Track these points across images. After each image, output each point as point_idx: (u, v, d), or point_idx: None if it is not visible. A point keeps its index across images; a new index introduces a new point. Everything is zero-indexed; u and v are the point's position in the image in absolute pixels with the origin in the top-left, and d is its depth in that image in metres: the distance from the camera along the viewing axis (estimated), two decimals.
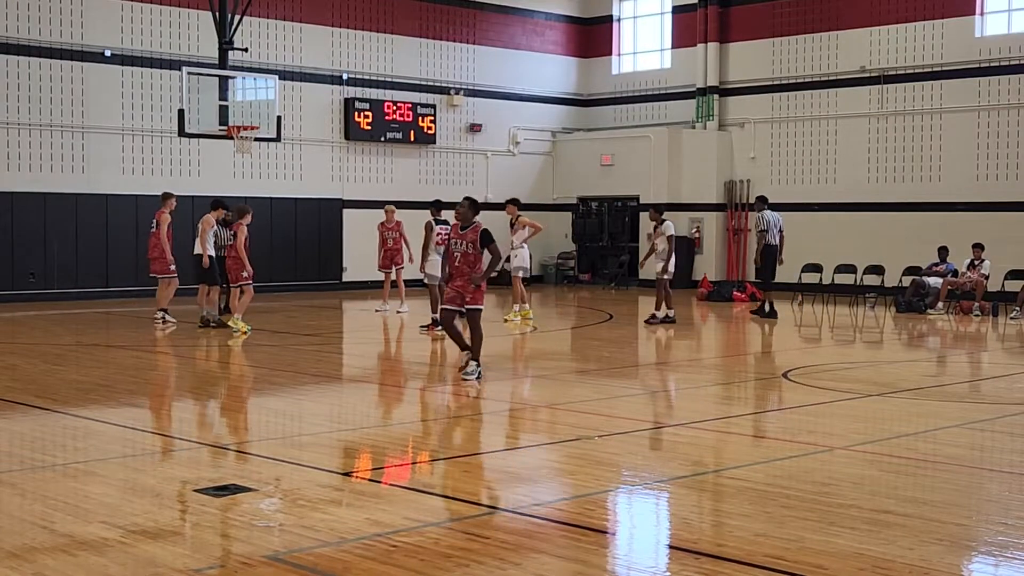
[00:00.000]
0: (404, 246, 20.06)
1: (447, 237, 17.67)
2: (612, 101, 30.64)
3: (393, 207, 20.54)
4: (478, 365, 11.90)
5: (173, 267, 17.76)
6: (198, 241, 17.37)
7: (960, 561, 5.89)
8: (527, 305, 19.43)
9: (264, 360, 14.20)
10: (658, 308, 18.51)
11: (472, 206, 12.26)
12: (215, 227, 17.58)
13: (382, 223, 20.47)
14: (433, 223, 17.31)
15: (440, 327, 17.06)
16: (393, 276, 20.33)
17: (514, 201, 19.51)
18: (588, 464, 8.09)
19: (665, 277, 18.38)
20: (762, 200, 20.55)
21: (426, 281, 17.42)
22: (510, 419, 10.23)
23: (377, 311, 20.45)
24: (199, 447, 8.80)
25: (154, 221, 17.90)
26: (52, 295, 22.31)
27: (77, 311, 20.43)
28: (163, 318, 17.61)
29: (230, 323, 16.56)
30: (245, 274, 16.62)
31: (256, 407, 11.01)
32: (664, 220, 18.55)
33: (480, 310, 11.98)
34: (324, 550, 5.83)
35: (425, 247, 17.24)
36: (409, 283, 20.91)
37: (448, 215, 18.96)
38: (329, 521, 6.43)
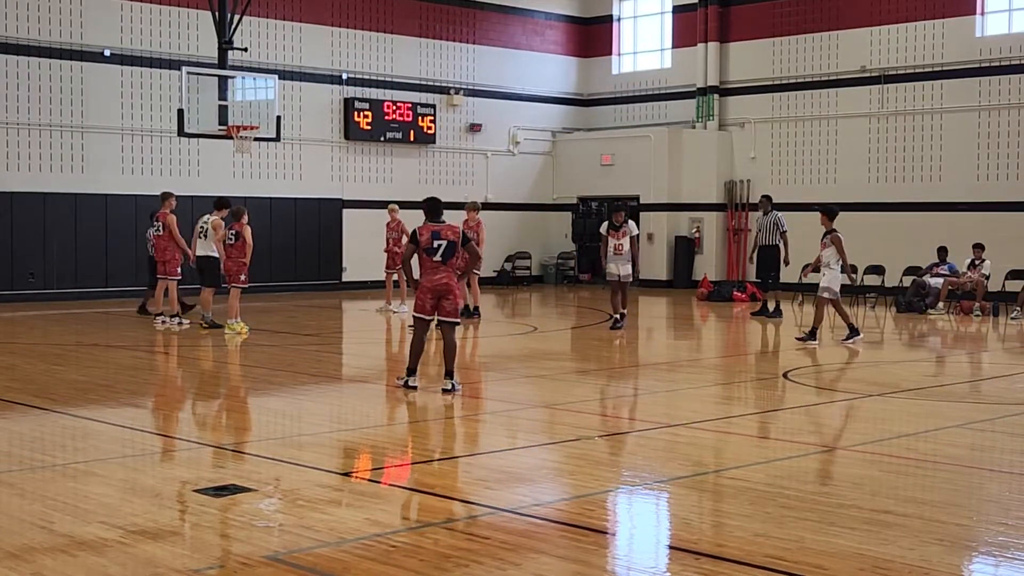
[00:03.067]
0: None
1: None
2: (612, 101, 30.63)
3: (396, 206, 20.48)
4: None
5: (180, 268, 17.71)
6: (209, 243, 17.14)
7: (960, 561, 5.89)
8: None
9: (263, 360, 14.19)
10: (621, 308, 17.81)
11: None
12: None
13: (387, 223, 20.45)
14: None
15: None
16: (395, 276, 20.31)
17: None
18: (588, 464, 8.09)
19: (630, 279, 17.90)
20: (768, 199, 20.47)
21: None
22: (510, 419, 10.22)
23: (379, 311, 20.46)
24: (199, 447, 8.79)
25: (158, 223, 17.80)
26: (52, 295, 22.29)
27: (77, 311, 20.42)
28: (179, 321, 17.51)
29: (226, 329, 16.41)
30: (243, 277, 16.56)
31: (256, 407, 11.00)
32: (629, 220, 18.26)
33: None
34: (324, 550, 5.82)
35: None
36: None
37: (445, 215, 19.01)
38: (329, 521, 6.42)
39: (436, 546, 5.88)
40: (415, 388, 11.20)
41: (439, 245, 10.99)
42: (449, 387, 11.06)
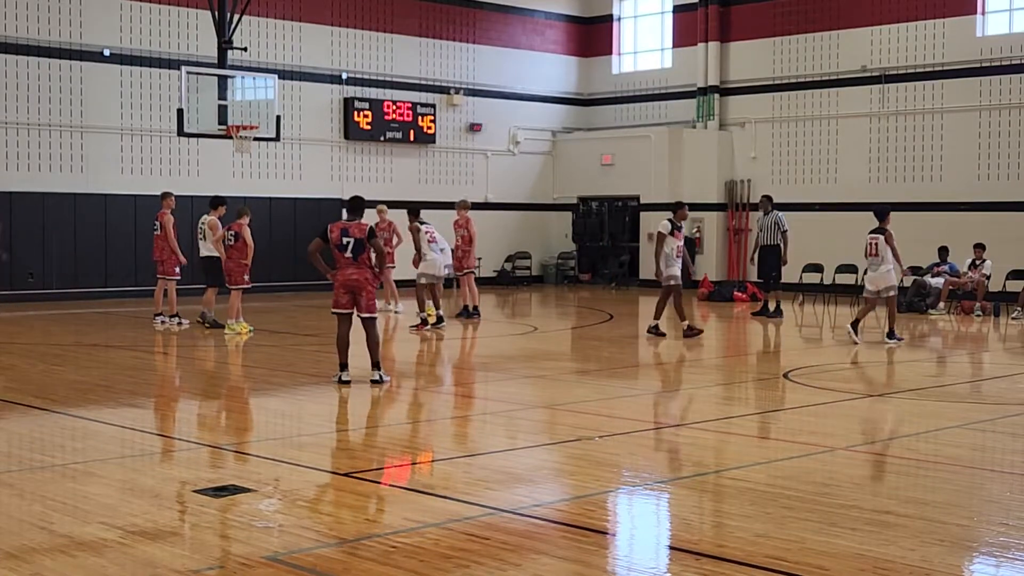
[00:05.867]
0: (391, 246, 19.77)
1: (435, 235, 17.89)
2: (612, 101, 30.62)
3: (384, 207, 20.38)
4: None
5: (178, 268, 17.66)
6: (210, 244, 17.09)
7: (961, 562, 5.87)
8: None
9: (263, 360, 14.18)
10: (683, 317, 16.67)
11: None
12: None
13: (376, 224, 20.42)
14: (418, 225, 17.66)
15: (429, 326, 17.15)
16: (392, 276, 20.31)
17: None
18: (588, 464, 8.07)
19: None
20: (769, 199, 20.46)
21: (423, 280, 17.50)
22: (510, 419, 10.21)
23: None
24: (198, 447, 8.78)
25: (156, 223, 17.80)
26: (51, 295, 22.27)
27: (76, 311, 20.41)
28: (178, 321, 17.49)
29: (227, 330, 16.40)
30: (246, 277, 16.56)
31: (255, 407, 10.99)
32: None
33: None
34: (323, 550, 5.81)
35: (418, 248, 17.56)
36: (400, 283, 20.90)
37: (436, 216, 19.05)
38: (329, 521, 6.41)
39: (436, 547, 5.86)
40: (348, 383, 11.48)
41: (347, 242, 11.56)
42: (376, 378, 11.56)
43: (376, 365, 11.63)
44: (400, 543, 5.93)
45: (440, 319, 17.42)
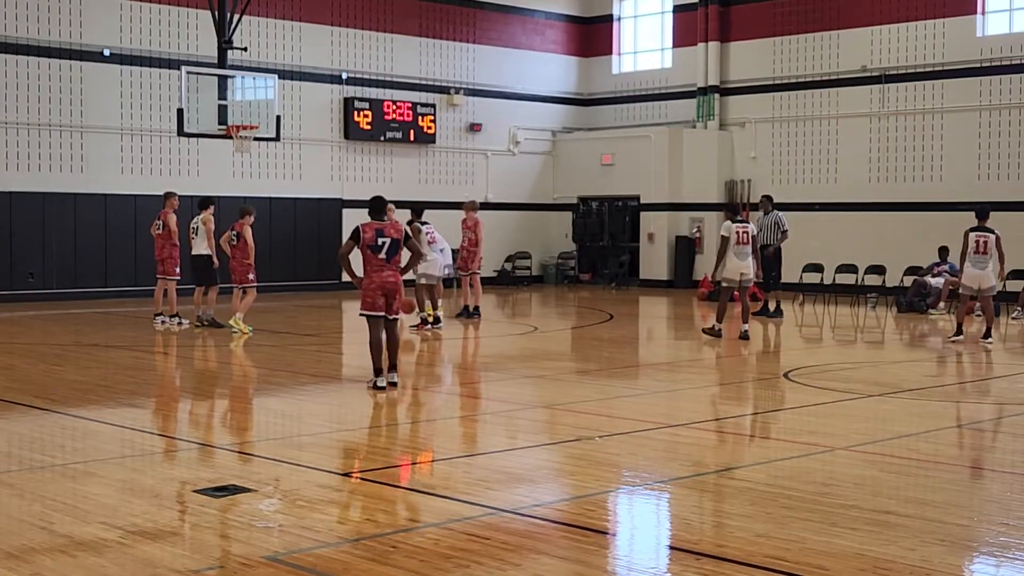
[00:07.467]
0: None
1: (435, 236, 17.87)
2: (612, 100, 30.62)
3: (392, 206, 20.35)
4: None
5: (179, 268, 17.67)
6: (202, 242, 17.18)
7: (961, 562, 5.87)
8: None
9: (263, 360, 14.18)
10: (746, 320, 16.76)
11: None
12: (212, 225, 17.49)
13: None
14: (419, 226, 17.62)
15: (429, 326, 17.16)
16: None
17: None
18: (588, 464, 8.07)
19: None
20: (769, 199, 20.48)
21: (423, 281, 17.47)
22: (510, 419, 10.21)
23: None
24: (198, 447, 8.78)
25: (159, 222, 17.80)
26: (51, 295, 22.28)
27: (76, 311, 20.41)
28: (178, 321, 17.51)
29: (231, 323, 16.50)
30: (251, 276, 16.59)
31: (256, 407, 10.99)
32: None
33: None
34: (324, 550, 5.81)
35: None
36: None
37: (436, 215, 18.99)
38: (329, 521, 6.41)
39: (436, 547, 5.86)
40: (384, 388, 11.23)
41: (383, 243, 11.25)
42: (394, 380, 11.33)
43: (394, 367, 11.42)
44: (400, 543, 5.94)
45: (438, 320, 17.42)
